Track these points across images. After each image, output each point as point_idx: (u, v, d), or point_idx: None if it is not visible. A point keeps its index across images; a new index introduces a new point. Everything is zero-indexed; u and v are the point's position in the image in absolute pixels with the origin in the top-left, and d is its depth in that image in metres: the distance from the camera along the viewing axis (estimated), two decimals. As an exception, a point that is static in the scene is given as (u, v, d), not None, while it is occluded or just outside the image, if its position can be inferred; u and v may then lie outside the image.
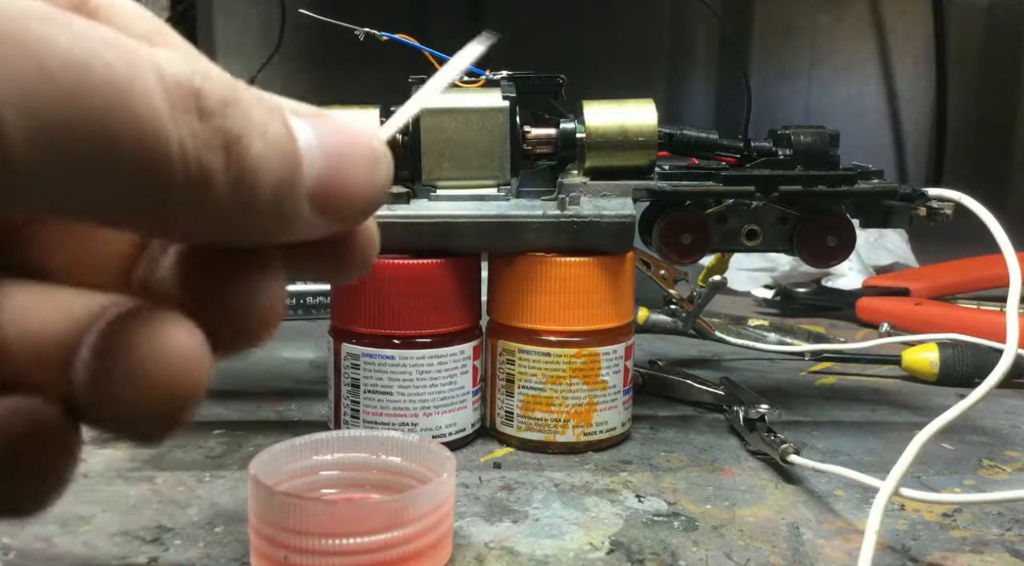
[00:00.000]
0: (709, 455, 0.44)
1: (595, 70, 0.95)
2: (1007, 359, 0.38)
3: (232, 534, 0.34)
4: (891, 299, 0.73)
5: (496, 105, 0.43)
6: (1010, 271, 0.40)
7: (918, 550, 0.34)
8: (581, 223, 0.43)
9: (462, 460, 0.42)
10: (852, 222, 0.46)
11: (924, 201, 0.45)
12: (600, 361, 0.43)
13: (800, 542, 0.35)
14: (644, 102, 0.45)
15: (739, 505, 0.38)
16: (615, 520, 0.36)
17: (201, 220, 0.16)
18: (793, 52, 1.37)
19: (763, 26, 1.36)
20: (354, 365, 0.42)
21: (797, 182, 0.45)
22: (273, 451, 0.33)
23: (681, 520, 0.36)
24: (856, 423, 0.49)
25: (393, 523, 0.29)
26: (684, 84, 1.38)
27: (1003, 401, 0.53)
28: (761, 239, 0.47)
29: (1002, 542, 0.35)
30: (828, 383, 0.57)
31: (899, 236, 0.90)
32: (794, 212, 0.46)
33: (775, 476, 0.41)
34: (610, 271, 0.43)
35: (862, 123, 1.38)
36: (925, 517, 0.37)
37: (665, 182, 0.45)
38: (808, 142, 0.45)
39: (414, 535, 0.30)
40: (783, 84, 1.37)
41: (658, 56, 1.37)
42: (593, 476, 0.41)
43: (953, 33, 1.34)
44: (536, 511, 0.37)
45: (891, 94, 1.38)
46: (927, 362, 0.56)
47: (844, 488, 0.39)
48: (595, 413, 0.43)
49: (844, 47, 1.37)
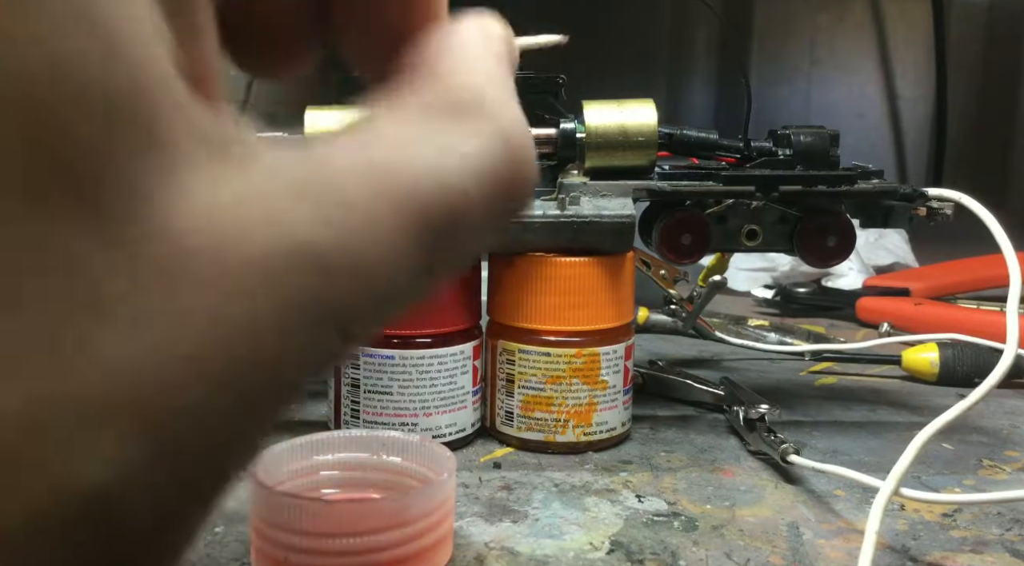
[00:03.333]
0: (709, 455, 0.44)
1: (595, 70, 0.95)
2: (1007, 359, 0.38)
3: (232, 534, 0.34)
4: (891, 299, 0.73)
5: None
6: (1010, 271, 0.40)
7: (918, 550, 0.34)
8: (581, 223, 0.43)
9: (462, 460, 0.42)
10: (852, 222, 0.46)
11: (924, 201, 0.45)
12: (600, 361, 0.43)
13: (800, 542, 0.35)
14: (644, 102, 0.45)
15: (739, 505, 0.38)
16: (615, 520, 0.36)
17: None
18: (793, 52, 1.37)
19: (763, 26, 1.36)
20: (354, 365, 0.42)
21: (797, 182, 0.45)
22: (273, 451, 0.33)
23: (681, 520, 0.36)
24: (856, 423, 0.49)
25: (393, 523, 0.29)
26: (684, 84, 1.38)
27: (1003, 401, 0.53)
28: (761, 239, 0.47)
29: (1002, 542, 0.35)
30: (828, 383, 0.57)
31: (899, 236, 0.90)
32: (794, 212, 0.46)
33: (775, 476, 0.41)
34: (610, 271, 0.43)
35: (862, 123, 1.37)
36: (925, 517, 0.37)
37: (665, 182, 0.45)
38: (808, 142, 0.45)
39: (414, 535, 0.30)
40: (783, 84, 1.37)
41: (658, 56, 1.37)
42: (593, 476, 0.41)
43: (953, 33, 1.34)
44: (536, 511, 0.37)
45: (891, 94, 1.38)
46: (927, 362, 0.56)
47: (844, 488, 0.39)
48: (595, 413, 0.43)
49: (844, 47, 1.37)
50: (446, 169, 0.14)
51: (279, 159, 0.12)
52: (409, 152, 0.14)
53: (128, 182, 0.10)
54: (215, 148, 0.11)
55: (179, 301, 0.11)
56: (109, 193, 0.10)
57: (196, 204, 0.11)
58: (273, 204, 0.12)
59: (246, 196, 0.11)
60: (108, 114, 0.10)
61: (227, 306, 0.11)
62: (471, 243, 0.15)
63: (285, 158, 0.12)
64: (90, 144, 0.10)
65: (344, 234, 0.12)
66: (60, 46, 0.10)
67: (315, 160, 0.13)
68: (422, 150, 0.14)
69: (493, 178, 0.15)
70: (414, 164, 0.13)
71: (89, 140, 0.10)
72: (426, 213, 0.13)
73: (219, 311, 0.11)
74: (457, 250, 0.14)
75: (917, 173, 1.38)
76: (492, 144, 0.15)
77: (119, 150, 0.10)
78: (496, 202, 0.15)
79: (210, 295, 0.11)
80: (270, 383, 0.12)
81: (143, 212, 0.10)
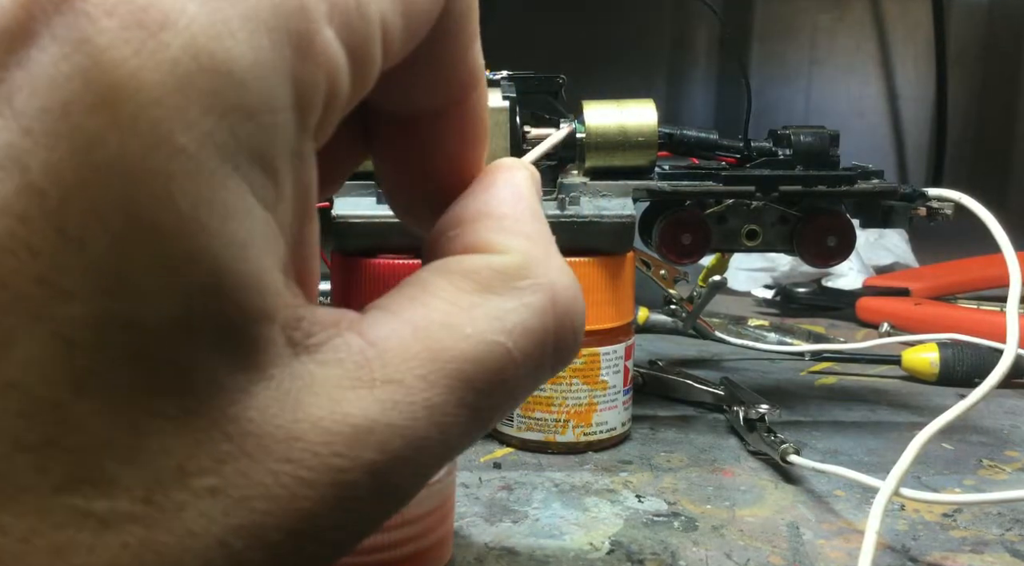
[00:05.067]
0: (709, 455, 0.44)
1: (595, 70, 0.95)
2: (1007, 359, 0.38)
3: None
4: (891, 299, 0.73)
5: (496, 105, 0.43)
6: (1010, 271, 0.40)
7: (918, 550, 0.34)
8: (581, 223, 0.43)
9: (462, 460, 0.42)
10: (852, 222, 0.46)
11: (924, 201, 0.45)
12: (600, 361, 0.43)
13: (800, 542, 0.35)
14: (644, 102, 0.45)
15: (739, 505, 0.38)
16: (615, 520, 0.36)
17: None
18: (793, 52, 1.37)
19: (763, 26, 1.36)
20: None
21: (797, 182, 0.45)
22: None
23: (681, 520, 0.36)
24: (856, 423, 0.49)
25: (393, 523, 0.29)
26: (684, 84, 1.38)
27: (1003, 401, 0.53)
28: (761, 239, 0.47)
29: (1002, 542, 0.35)
30: (828, 383, 0.57)
31: (899, 236, 0.90)
32: (794, 212, 0.46)
33: (775, 476, 0.41)
34: (610, 271, 0.43)
35: (862, 123, 1.37)
36: (925, 517, 0.37)
37: (665, 182, 0.45)
38: (808, 142, 0.45)
39: (414, 535, 0.30)
40: (783, 84, 1.37)
41: (658, 56, 1.37)
42: (593, 476, 0.41)
43: (953, 33, 1.34)
44: (536, 511, 0.37)
45: (891, 94, 1.38)
46: (927, 362, 0.56)
47: (844, 488, 0.39)
48: (595, 413, 0.43)
49: (844, 47, 1.37)
50: (495, 333, 0.15)
51: (343, 348, 0.14)
52: (459, 323, 0.15)
53: (219, 385, 0.13)
54: (298, 344, 0.14)
55: (257, 475, 0.13)
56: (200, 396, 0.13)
57: (276, 396, 0.13)
58: (341, 390, 0.14)
59: (322, 384, 0.14)
60: (215, 342, 0.13)
61: (294, 488, 0.13)
62: (517, 397, 0.16)
63: (350, 345, 0.14)
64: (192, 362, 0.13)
65: (398, 412, 0.14)
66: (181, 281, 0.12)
67: (373, 345, 0.15)
68: (472, 321, 0.15)
69: (542, 337, 0.16)
70: (466, 335, 0.15)
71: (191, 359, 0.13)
72: (472, 376, 0.15)
73: (285, 493, 0.13)
74: (502, 406, 0.16)
75: (917, 173, 1.38)
76: (540, 304, 0.16)
77: (221, 367, 0.13)
78: (544, 360, 0.16)
79: (280, 477, 0.13)
80: (320, 552, 0.14)
81: (226, 405, 0.13)
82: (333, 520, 0.13)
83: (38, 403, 0.11)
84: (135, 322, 0.12)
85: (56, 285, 0.11)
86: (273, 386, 0.13)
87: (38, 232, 0.11)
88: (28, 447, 0.11)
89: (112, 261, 0.11)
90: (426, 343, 0.15)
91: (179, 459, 0.12)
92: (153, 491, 0.12)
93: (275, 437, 0.13)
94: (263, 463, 0.13)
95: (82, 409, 0.12)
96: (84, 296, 0.11)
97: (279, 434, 0.13)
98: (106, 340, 0.12)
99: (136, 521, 0.12)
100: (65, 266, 0.11)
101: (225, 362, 0.13)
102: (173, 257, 0.12)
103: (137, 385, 0.12)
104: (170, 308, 0.12)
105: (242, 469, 0.13)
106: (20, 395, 0.11)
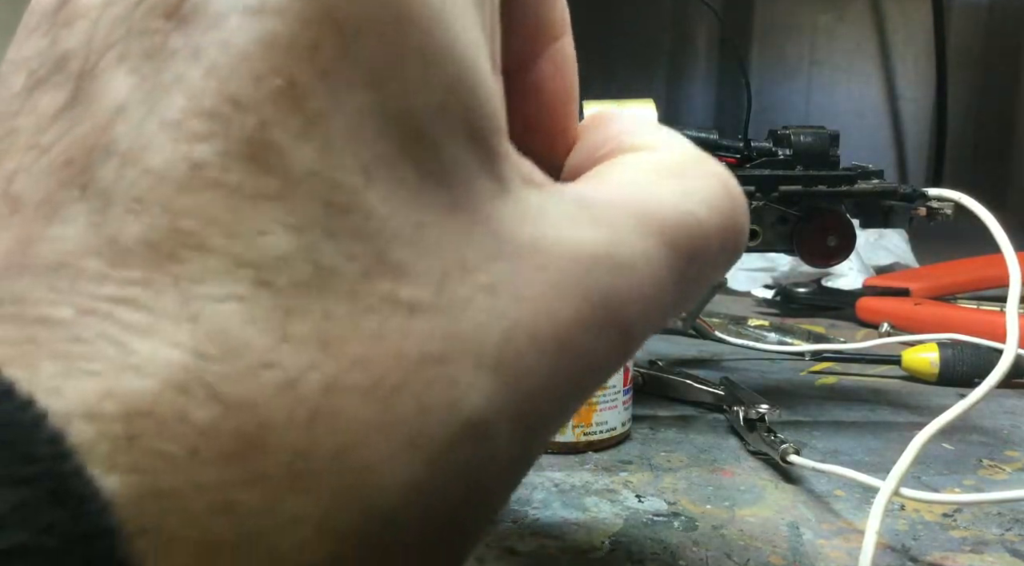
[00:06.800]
0: (709, 455, 0.44)
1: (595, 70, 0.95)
2: (1007, 359, 0.38)
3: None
4: (891, 299, 0.73)
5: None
6: (1010, 271, 0.40)
7: (918, 550, 0.34)
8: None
9: (462, 460, 0.42)
10: (852, 222, 0.46)
11: (924, 201, 0.45)
12: (600, 361, 0.43)
13: (800, 542, 0.35)
14: (644, 102, 0.45)
15: (739, 505, 0.38)
16: (615, 520, 0.36)
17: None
18: (793, 52, 1.37)
19: (763, 26, 1.36)
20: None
21: (797, 182, 0.45)
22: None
23: (681, 520, 0.36)
24: (856, 423, 0.49)
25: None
26: (684, 84, 1.38)
27: (1003, 401, 0.53)
28: (761, 239, 0.47)
29: (1002, 542, 0.35)
30: (828, 383, 0.57)
31: (899, 236, 0.90)
32: (794, 212, 0.46)
33: (775, 476, 0.41)
34: (610, 271, 0.43)
35: (862, 123, 1.38)
36: (925, 517, 0.37)
37: (665, 182, 0.45)
38: (808, 142, 0.45)
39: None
40: (783, 84, 1.37)
41: (658, 56, 1.37)
42: (593, 476, 0.41)
43: (953, 33, 1.34)
44: (536, 511, 0.37)
45: (891, 94, 1.38)
46: (927, 362, 0.56)
47: (844, 488, 0.39)
48: (595, 413, 0.43)
49: (844, 47, 1.37)
50: (686, 203, 0.16)
51: (560, 190, 0.15)
52: (657, 192, 0.16)
53: (475, 186, 0.13)
54: (526, 180, 0.14)
55: (520, 277, 0.13)
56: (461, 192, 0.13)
57: (516, 210, 0.14)
58: (569, 220, 0.14)
59: (551, 213, 0.14)
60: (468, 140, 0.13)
61: (551, 297, 0.13)
62: (708, 270, 0.17)
63: (564, 190, 0.15)
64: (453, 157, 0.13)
65: (618, 248, 0.14)
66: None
67: (584, 194, 0.15)
68: (665, 190, 0.16)
69: (721, 210, 0.17)
70: (667, 202, 0.16)
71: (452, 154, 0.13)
72: (675, 238, 0.15)
73: (544, 301, 0.13)
74: (697, 276, 0.16)
75: (917, 173, 1.38)
76: (718, 184, 0.17)
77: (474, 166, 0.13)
78: (726, 232, 0.17)
79: (535, 285, 0.13)
80: (580, 380, 0.14)
81: (482, 204, 0.13)
82: (582, 339, 0.13)
83: (338, 190, 0.12)
84: (407, 112, 0.12)
85: (340, 76, 0.12)
86: (512, 201, 0.14)
87: (318, 29, 0.12)
88: (334, 233, 0.12)
89: (383, 51, 0.12)
90: (632, 202, 0.15)
91: (458, 253, 0.12)
92: (443, 283, 0.12)
93: (525, 247, 0.13)
94: (522, 268, 0.13)
95: (374, 196, 0.12)
96: (363, 86, 0.12)
97: (529, 245, 0.13)
98: (386, 129, 0.12)
99: (438, 311, 0.12)
100: (344, 58, 0.12)
101: (477, 162, 0.13)
102: (431, 50, 0.12)
103: (413, 174, 0.12)
104: (433, 98, 0.12)
105: (508, 270, 0.13)
106: (320, 181, 0.12)
